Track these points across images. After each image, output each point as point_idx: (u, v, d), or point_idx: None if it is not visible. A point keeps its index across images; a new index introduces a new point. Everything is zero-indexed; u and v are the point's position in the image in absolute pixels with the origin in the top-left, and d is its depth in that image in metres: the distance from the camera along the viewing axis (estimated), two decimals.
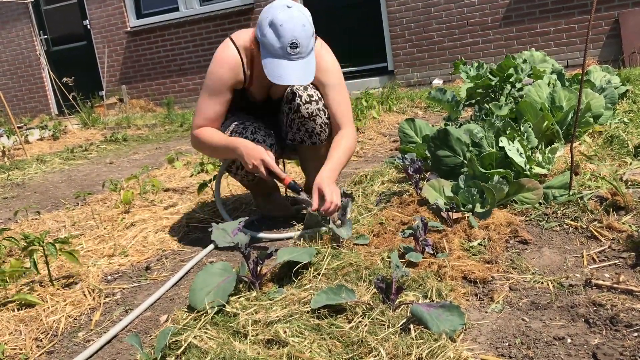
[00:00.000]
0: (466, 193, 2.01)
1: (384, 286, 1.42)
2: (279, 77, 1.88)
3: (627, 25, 6.00)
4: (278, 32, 1.85)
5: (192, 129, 2.13)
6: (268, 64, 1.89)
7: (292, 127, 2.21)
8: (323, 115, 2.17)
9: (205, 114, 2.10)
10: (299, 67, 1.90)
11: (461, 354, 1.19)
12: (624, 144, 2.58)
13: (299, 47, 1.87)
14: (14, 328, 1.65)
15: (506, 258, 1.67)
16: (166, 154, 4.43)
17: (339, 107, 2.15)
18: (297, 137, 2.22)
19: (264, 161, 1.96)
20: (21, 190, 3.83)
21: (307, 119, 2.16)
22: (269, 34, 1.87)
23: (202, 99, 2.12)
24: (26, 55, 9.40)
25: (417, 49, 7.06)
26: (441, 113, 4.85)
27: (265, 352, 1.24)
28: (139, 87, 8.75)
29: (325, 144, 2.23)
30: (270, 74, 1.89)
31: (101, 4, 8.70)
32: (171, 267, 2.04)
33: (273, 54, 1.89)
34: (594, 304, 1.35)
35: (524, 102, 2.75)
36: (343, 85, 2.18)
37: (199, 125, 2.11)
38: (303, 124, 2.18)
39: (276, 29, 1.86)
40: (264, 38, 1.89)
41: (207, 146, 2.11)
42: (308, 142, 2.22)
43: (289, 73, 1.88)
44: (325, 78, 2.13)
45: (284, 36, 1.85)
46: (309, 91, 2.16)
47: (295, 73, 1.89)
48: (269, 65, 1.89)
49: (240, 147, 1.99)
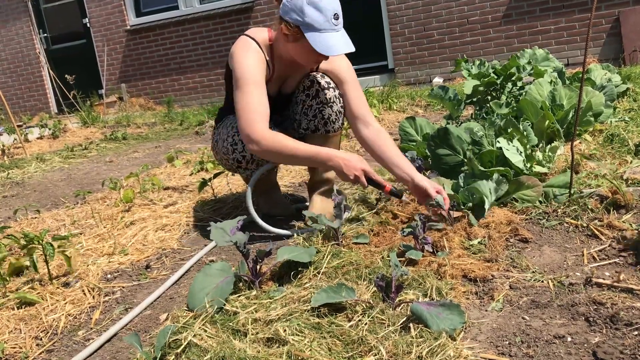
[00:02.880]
0: (466, 192, 2.01)
1: (384, 285, 1.41)
2: (331, 48, 1.91)
3: (627, 23, 6.00)
4: (319, 7, 1.89)
5: (250, 133, 1.90)
6: (316, 38, 1.91)
7: (308, 114, 2.18)
8: (339, 103, 2.18)
9: (257, 111, 1.93)
10: (344, 36, 1.96)
11: (461, 352, 1.19)
12: (625, 142, 2.58)
13: (340, 17, 1.94)
14: (14, 326, 1.64)
15: (506, 256, 1.67)
16: (166, 152, 4.43)
17: (361, 102, 2.18)
18: (311, 125, 2.20)
19: (365, 171, 1.93)
20: (21, 188, 3.83)
21: (325, 104, 2.15)
22: (311, 11, 1.90)
23: (245, 96, 1.95)
24: (26, 54, 9.39)
25: (417, 47, 7.05)
26: (442, 111, 4.84)
27: (265, 351, 1.24)
28: (139, 85, 8.74)
29: (337, 133, 2.24)
30: (320, 47, 1.90)
31: (101, 2, 8.69)
32: (171, 265, 2.03)
33: (319, 29, 1.91)
34: (594, 302, 1.35)
35: (525, 101, 2.75)
36: (358, 81, 2.23)
37: (261, 129, 1.91)
38: (320, 110, 2.16)
39: (316, 5, 1.89)
40: (307, 17, 1.90)
41: (284, 155, 1.93)
42: (322, 129, 2.20)
43: (338, 42, 1.93)
44: (343, 74, 2.17)
45: (326, 9, 1.90)
46: (325, 78, 2.17)
47: (344, 41, 1.95)
48: (317, 40, 1.91)
49: (335, 158, 1.92)
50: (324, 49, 1.91)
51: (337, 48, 1.92)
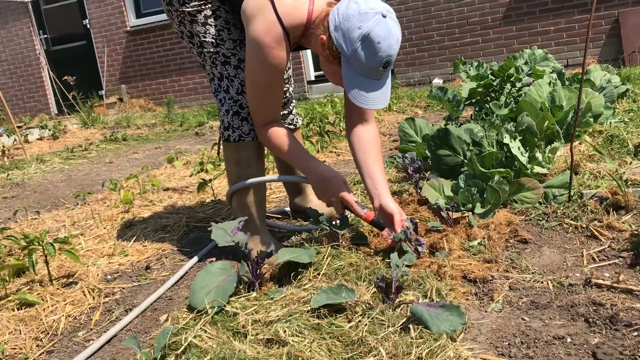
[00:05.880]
0: (466, 192, 2.01)
1: (384, 286, 1.42)
2: (362, 98, 1.62)
3: (627, 24, 6.00)
4: (374, 49, 1.55)
5: (257, 122, 1.83)
6: (352, 79, 1.61)
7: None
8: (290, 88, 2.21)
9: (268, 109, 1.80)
10: (384, 87, 1.65)
11: (461, 353, 1.19)
12: (624, 143, 2.58)
13: (391, 64, 1.61)
14: (14, 327, 1.65)
15: (506, 257, 1.67)
16: (166, 153, 4.43)
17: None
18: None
19: (343, 198, 1.76)
20: (21, 189, 3.83)
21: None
22: (360, 50, 1.55)
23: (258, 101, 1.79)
24: (26, 55, 9.39)
25: (417, 48, 7.05)
26: (441, 112, 4.84)
27: (265, 352, 1.24)
28: (139, 86, 8.74)
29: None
30: (352, 92, 1.62)
31: (101, 4, 8.70)
32: (171, 266, 2.04)
33: (359, 71, 1.60)
34: (593, 303, 1.35)
35: (524, 102, 2.75)
36: None
37: (264, 122, 1.82)
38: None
39: (372, 46, 1.54)
40: (353, 54, 1.56)
41: (278, 152, 1.85)
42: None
43: (373, 95, 1.62)
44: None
45: (379, 55, 1.55)
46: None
47: (380, 94, 1.64)
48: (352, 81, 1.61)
49: (316, 175, 1.77)
50: (354, 96, 1.62)
51: (369, 102, 1.63)
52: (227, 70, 1.88)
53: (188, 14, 1.85)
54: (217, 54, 1.87)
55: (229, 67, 1.87)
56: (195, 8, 1.84)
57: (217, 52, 1.87)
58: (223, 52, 1.87)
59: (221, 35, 1.86)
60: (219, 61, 1.87)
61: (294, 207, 2.38)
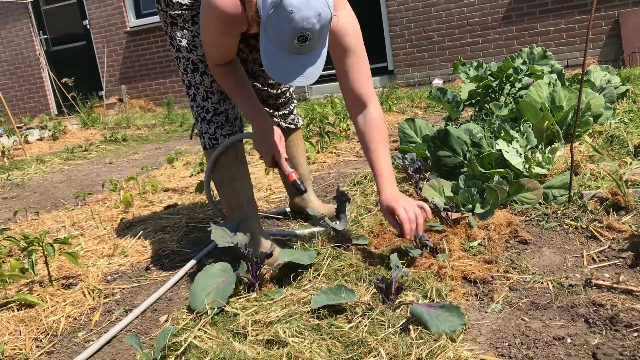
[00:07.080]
0: (466, 193, 2.01)
1: (384, 286, 1.41)
2: (278, 75, 1.54)
3: (627, 25, 6.00)
4: (287, 18, 1.41)
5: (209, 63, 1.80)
6: (265, 52, 1.51)
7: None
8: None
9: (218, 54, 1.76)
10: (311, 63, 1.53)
11: (461, 354, 1.19)
12: (624, 143, 2.58)
13: (309, 40, 1.46)
14: (14, 328, 1.65)
15: (506, 258, 1.67)
16: (166, 154, 4.43)
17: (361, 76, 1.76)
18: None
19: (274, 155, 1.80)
20: (21, 190, 3.83)
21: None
22: (274, 17, 1.43)
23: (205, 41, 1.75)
24: (26, 55, 9.39)
25: (417, 49, 7.05)
26: (441, 113, 4.85)
27: (265, 352, 1.24)
28: (139, 87, 8.74)
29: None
30: (268, 67, 1.52)
31: (101, 4, 8.70)
32: (171, 267, 2.03)
33: (274, 42, 1.49)
34: (593, 304, 1.35)
35: (524, 102, 2.75)
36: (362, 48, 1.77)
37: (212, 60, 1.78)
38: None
39: (284, 15, 1.41)
40: (268, 21, 1.45)
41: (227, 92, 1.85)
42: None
43: (291, 71, 1.52)
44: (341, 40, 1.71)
45: (291, 26, 1.42)
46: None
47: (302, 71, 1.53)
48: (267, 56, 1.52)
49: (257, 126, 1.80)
50: (271, 71, 1.53)
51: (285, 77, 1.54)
52: (195, 78, 1.89)
53: (170, 16, 1.86)
54: (188, 60, 1.87)
55: (196, 75, 1.88)
56: (177, 12, 1.85)
57: (188, 59, 1.87)
58: (193, 59, 1.87)
59: (195, 42, 1.86)
60: (189, 69, 1.89)
61: (293, 208, 2.39)
